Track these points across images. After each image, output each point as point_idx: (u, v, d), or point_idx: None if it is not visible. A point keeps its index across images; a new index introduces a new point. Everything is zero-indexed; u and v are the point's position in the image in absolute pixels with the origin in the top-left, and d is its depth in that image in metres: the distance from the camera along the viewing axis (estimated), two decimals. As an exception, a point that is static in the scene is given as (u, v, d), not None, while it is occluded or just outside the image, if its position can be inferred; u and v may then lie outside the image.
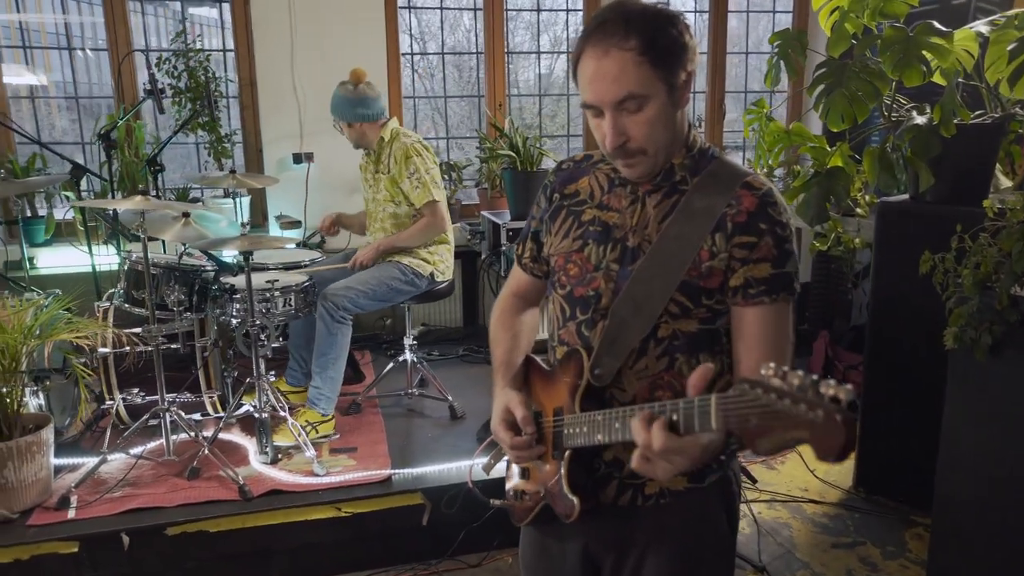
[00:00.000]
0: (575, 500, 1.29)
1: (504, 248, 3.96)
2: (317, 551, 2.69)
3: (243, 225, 2.82)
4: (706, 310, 1.28)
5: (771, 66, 2.99)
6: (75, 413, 3.18)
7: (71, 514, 2.57)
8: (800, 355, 4.60)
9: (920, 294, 2.57)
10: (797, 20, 5.08)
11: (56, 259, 4.05)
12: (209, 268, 3.07)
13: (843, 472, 3.33)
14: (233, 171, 3.63)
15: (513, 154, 3.98)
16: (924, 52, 2.58)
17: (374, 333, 4.47)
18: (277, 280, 2.98)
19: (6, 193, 3.35)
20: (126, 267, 3.02)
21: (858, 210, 3.74)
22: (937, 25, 2.59)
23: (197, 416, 3.15)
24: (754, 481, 3.24)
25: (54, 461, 2.75)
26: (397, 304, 3.35)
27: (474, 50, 4.99)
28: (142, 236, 2.68)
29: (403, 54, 4.59)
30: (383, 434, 3.16)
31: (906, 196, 3.04)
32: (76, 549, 2.49)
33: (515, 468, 1.48)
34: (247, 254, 2.75)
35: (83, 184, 3.98)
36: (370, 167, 3.40)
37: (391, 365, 3.56)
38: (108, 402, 3.02)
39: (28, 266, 3.58)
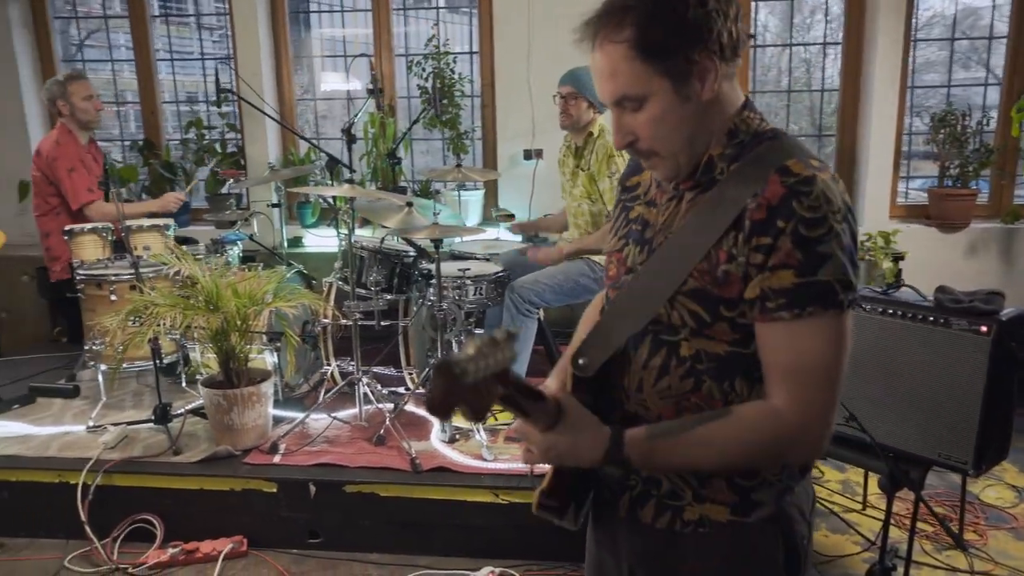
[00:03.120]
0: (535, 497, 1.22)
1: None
2: (475, 533, 2.78)
3: (435, 214, 2.98)
4: (729, 326, 1.10)
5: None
6: (310, 372, 3.65)
7: (277, 459, 2.95)
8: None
9: None
10: None
11: (321, 239, 4.64)
12: (411, 254, 3.31)
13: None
14: (459, 165, 3.87)
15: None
16: None
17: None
18: (469, 269, 3.12)
19: (272, 180, 3.93)
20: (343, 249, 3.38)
21: None
22: None
23: (402, 389, 3.44)
24: (963, 548, 2.69)
25: (275, 412, 3.18)
26: (585, 301, 3.32)
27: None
28: (347, 221, 2.97)
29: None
30: (560, 430, 3.17)
31: None
32: (275, 490, 2.85)
33: None
34: (437, 242, 2.93)
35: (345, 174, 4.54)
36: (569, 162, 3.42)
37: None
38: (326, 367, 3.40)
39: (286, 244, 4.15)
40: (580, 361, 1.18)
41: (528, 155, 4.47)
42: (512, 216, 4.10)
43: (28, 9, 4.84)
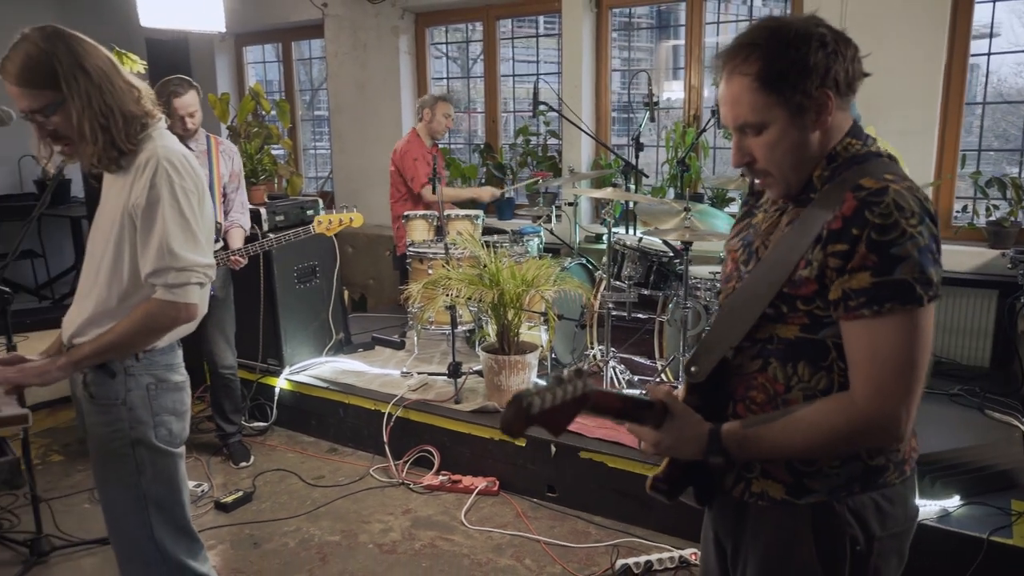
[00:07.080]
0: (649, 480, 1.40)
1: (1030, 280, 3.29)
2: (686, 515, 2.89)
3: (688, 218, 3.17)
4: (804, 315, 1.24)
5: None
6: (581, 353, 4.07)
7: (530, 420, 3.42)
8: None
9: None
10: None
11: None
12: (669, 253, 3.53)
13: None
14: (743, 174, 3.96)
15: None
16: None
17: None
18: (719, 273, 3.25)
19: (570, 182, 4.44)
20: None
21: None
22: None
23: (654, 379, 3.69)
24: None
25: (539, 381, 3.65)
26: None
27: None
28: (608, 220, 3.31)
29: (972, 55, 4.09)
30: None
31: None
32: (524, 444, 3.33)
33: None
34: (687, 243, 3.13)
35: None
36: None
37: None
38: (589, 349, 3.79)
39: (579, 239, 4.63)
40: (692, 369, 1.35)
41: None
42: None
43: (413, 39, 6.03)
